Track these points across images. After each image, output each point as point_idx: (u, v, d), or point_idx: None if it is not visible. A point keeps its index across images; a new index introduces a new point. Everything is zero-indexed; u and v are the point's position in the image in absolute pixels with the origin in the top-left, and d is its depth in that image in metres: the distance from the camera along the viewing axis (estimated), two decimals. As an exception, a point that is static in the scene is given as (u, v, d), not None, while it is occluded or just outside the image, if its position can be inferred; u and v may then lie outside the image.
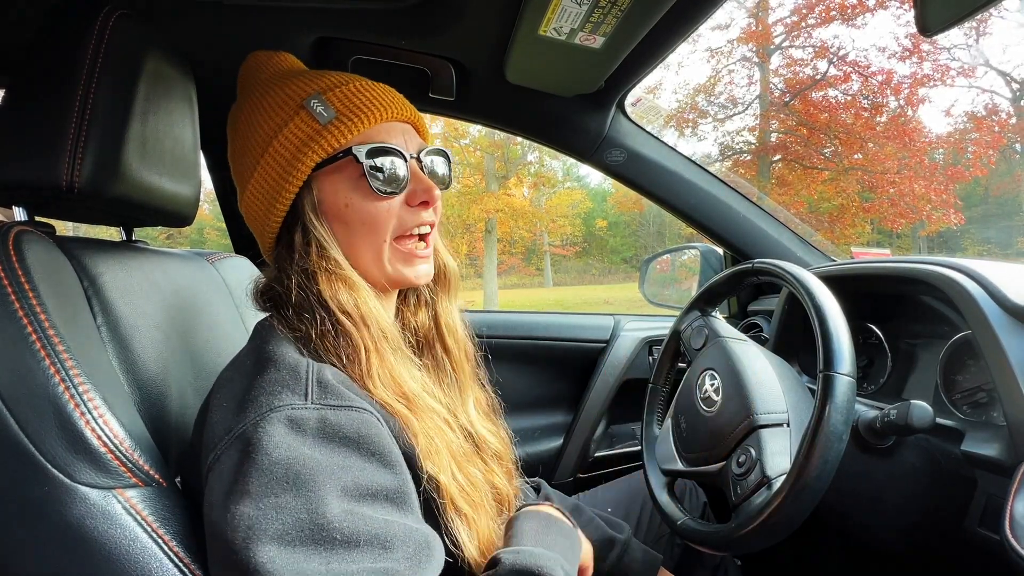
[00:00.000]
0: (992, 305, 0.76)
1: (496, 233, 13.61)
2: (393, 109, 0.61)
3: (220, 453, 0.48)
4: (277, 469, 0.45)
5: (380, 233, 0.61)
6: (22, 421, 0.49)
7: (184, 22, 0.93)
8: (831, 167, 11.14)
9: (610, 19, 0.82)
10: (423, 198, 0.62)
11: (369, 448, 0.49)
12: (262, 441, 0.46)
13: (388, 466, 0.50)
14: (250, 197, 0.62)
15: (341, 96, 0.59)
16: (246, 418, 0.48)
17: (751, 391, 0.79)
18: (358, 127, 0.58)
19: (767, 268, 0.86)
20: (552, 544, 0.61)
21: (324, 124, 0.58)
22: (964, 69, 10.83)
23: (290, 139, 0.58)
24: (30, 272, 0.53)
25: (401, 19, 0.94)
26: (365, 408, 0.51)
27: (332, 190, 0.60)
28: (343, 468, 0.47)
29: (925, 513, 0.80)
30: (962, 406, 0.84)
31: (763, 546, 0.70)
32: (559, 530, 0.64)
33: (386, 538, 0.46)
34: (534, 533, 0.62)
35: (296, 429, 0.47)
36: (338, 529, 0.44)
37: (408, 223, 0.62)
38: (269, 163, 0.59)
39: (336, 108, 0.58)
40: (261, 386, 0.50)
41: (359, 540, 0.44)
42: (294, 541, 0.43)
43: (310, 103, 0.58)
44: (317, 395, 0.50)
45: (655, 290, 1.71)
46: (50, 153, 0.58)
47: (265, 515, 0.44)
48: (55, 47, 0.61)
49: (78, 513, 0.49)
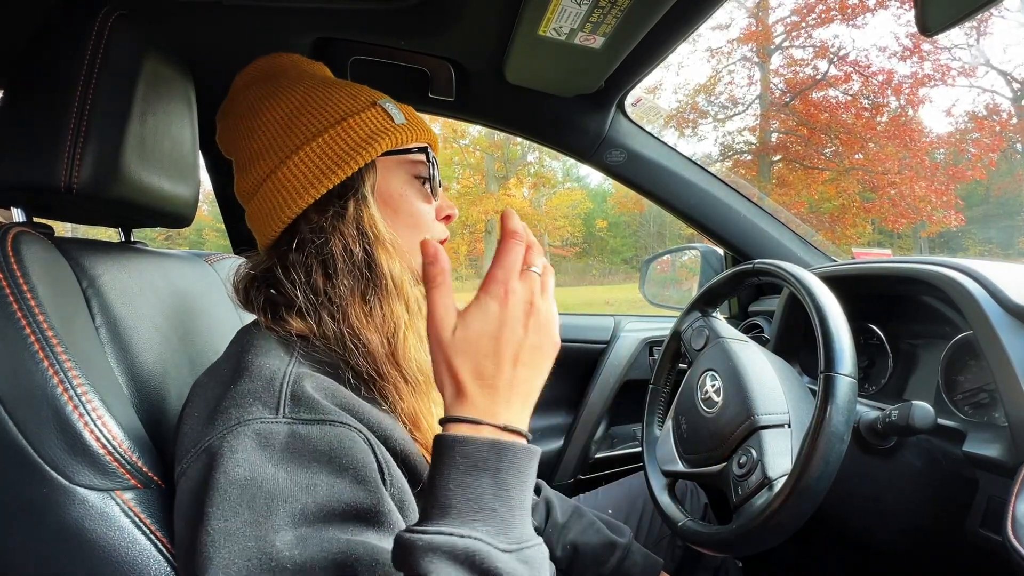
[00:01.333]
0: (993, 305, 0.76)
1: (496, 234, 13.61)
2: (431, 133, 0.68)
3: (187, 467, 0.47)
4: (233, 491, 0.43)
5: (421, 231, 0.65)
6: (20, 423, 0.49)
7: (183, 23, 0.93)
8: (832, 167, 11.14)
9: (610, 19, 0.81)
10: (447, 212, 0.68)
11: (341, 463, 0.46)
12: (224, 457, 0.44)
13: (360, 482, 0.47)
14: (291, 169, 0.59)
15: (404, 109, 0.66)
16: (214, 431, 0.47)
17: (752, 392, 0.79)
18: (420, 136, 0.65)
19: (768, 268, 0.86)
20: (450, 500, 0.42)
21: (397, 124, 0.63)
22: (965, 69, 10.83)
23: (362, 125, 0.61)
24: (28, 273, 0.53)
25: (400, 19, 0.94)
26: (341, 421, 0.49)
27: (391, 177, 0.64)
28: (308, 488, 0.45)
29: (926, 514, 0.80)
30: (963, 407, 0.84)
31: (764, 547, 0.70)
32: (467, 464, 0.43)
33: (345, 562, 0.42)
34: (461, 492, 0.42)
35: (263, 445, 0.45)
36: (288, 558, 0.41)
37: (438, 234, 0.67)
38: (333, 140, 0.60)
39: (405, 115, 0.65)
40: (232, 397, 0.48)
41: (314, 568, 0.42)
42: (240, 571, 0.41)
43: (385, 104, 0.64)
44: (289, 408, 0.48)
45: (655, 291, 1.71)
46: (48, 154, 0.58)
47: (214, 541, 0.42)
48: (54, 48, 0.61)
49: (76, 515, 0.49)
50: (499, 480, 0.42)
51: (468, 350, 0.46)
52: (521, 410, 0.47)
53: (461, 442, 0.43)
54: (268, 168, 0.60)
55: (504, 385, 0.46)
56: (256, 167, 0.61)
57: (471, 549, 0.39)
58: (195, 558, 0.42)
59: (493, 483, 0.42)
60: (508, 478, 0.42)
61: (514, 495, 0.43)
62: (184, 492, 0.47)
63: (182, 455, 0.49)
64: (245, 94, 0.64)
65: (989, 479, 0.73)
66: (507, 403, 0.46)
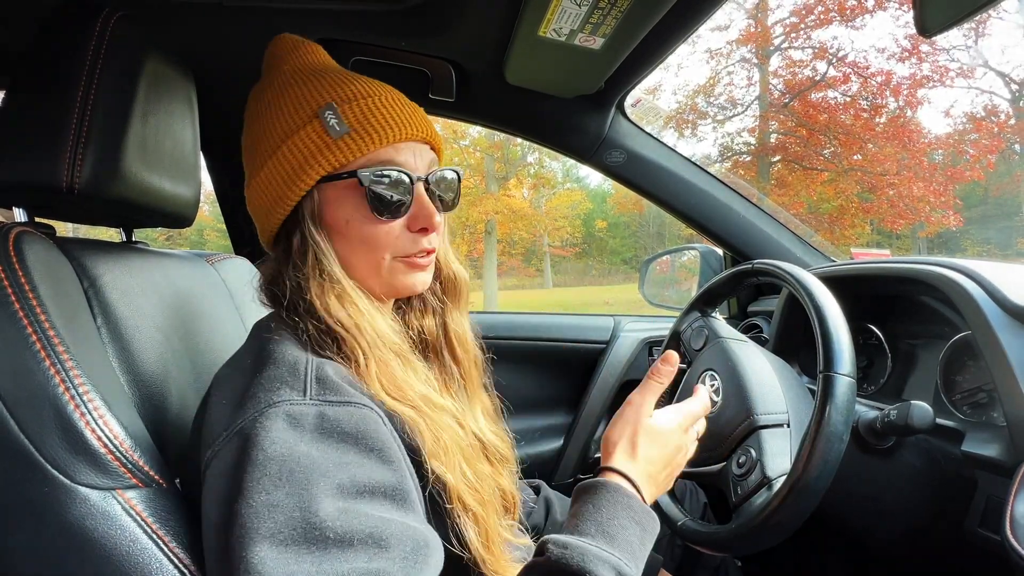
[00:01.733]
0: (992, 305, 0.76)
1: (496, 234, 13.62)
2: (410, 129, 0.60)
3: (218, 449, 0.48)
4: (272, 466, 0.45)
5: (379, 252, 0.60)
6: (22, 422, 0.49)
7: (184, 23, 0.93)
8: (830, 168, 11.14)
9: (610, 20, 0.82)
10: (423, 224, 0.61)
11: (368, 444, 0.49)
12: (259, 437, 0.46)
13: (387, 462, 0.49)
14: (255, 191, 0.61)
15: (358, 111, 0.58)
16: (245, 414, 0.48)
17: (751, 392, 0.79)
18: (369, 146, 0.57)
19: (767, 269, 0.86)
20: (617, 532, 0.53)
21: (335, 139, 0.57)
22: (963, 70, 10.84)
23: (299, 147, 0.57)
24: (30, 273, 0.53)
25: (401, 20, 0.94)
26: (365, 404, 0.51)
27: (335, 204, 0.59)
28: (340, 465, 0.46)
29: (925, 514, 0.80)
30: (962, 406, 0.84)
31: (763, 547, 0.70)
32: (631, 514, 0.56)
33: (381, 537, 0.45)
34: (597, 517, 0.54)
35: (294, 425, 0.47)
36: (331, 528, 0.43)
37: (408, 248, 0.61)
38: (276, 166, 0.59)
39: (350, 123, 0.57)
40: (260, 383, 0.50)
41: (353, 539, 0.44)
42: (286, 540, 0.43)
43: (324, 114, 0.57)
44: (316, 391, 0.49)
45: (655, 291, 1.71)
46: (50, 154, 0.58)
47: (258, 514, 0.43)
48: (55, 48, 0.61)
49: (78, 514, 0.49)
50: (643, 537, 0.56)
51: (654, 441, 0.62)
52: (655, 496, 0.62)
53: (633, 496, 0.57)
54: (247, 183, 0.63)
55: (655, 478, 0.61)
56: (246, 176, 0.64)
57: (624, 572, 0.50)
58: (235, 532, 0.43)
59: (640, 535, 0.55)
60: (647, 537, 0.56)
61: (644, 553, 0.56)
62: (216, 475, 0.47)
63: (211, 440, 0.49)
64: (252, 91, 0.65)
65: (988, 479, 0.73)
66: (655, 490, 0.61)
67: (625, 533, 0.54)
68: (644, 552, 0.55)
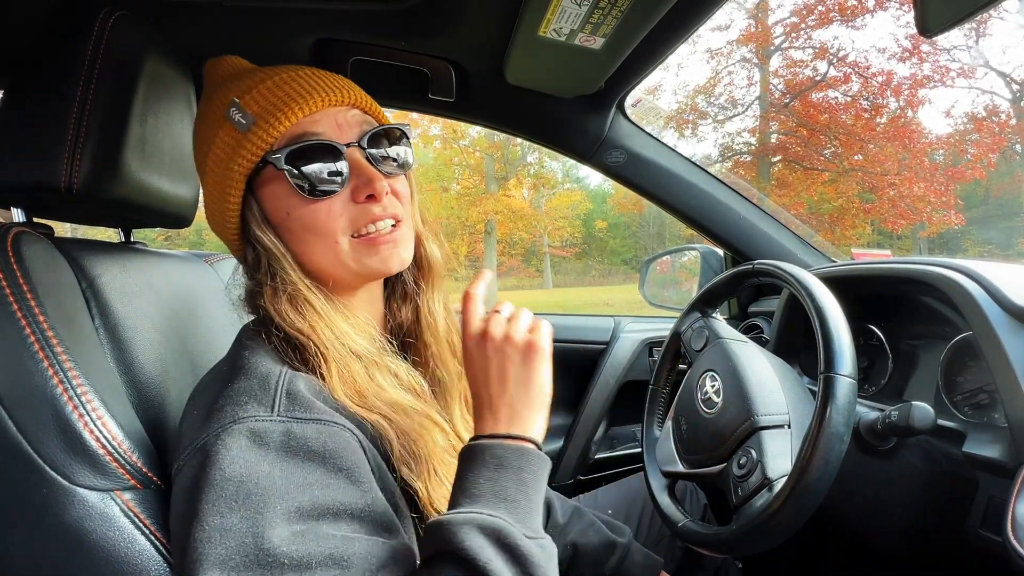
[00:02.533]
0: (993, 306, 0.76)
1: (495, 234, 13.63)
2: (320, 96, 0.56)
3: (183, 464, 0.47)
4: (228, 487, 0.43)
5: (329, 235, 0.57)
6: (20, 423, 0.49)
7: (183, 23, 0.93)
8: (831, 168, 11.15)
9: (610, 20, 0.81)
10: (366, 192, 0.57)
11: (335, 463, 0.47)
12: (219, 455, 0.44)
13: (355, 483, 0.47)
14: (207, 210, 0.61)
15: (257, 98, 0.55)
16: (209, 429, 0.47)
17: (752, 392, 0.79)
18: (277, 128, 0.54)
19: (768, 269, 0.86)
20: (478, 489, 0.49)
21: (244, 132, 0.54)
22: (964, 70, 10.85)
23: (219, 154, 0.56)
24: (29, 273, 0.53)
25: (401, 20, 0.94)
26: (335, 421, 0.49)
27: (271, 200, 0.57)
28: (302, 486, 0.45)
29: (926, 515, 0.80)
30: (963, 407, 0.84)
31: (764, 548, 0.70)
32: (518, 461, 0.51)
33: (343, 557, 0.43)
34: (460, 484, 0.51)
35: (258, 443, 0.45)
36: (286, 554, 0.42)
37: (359, 221, 0.57)
38: (209, 183, 0.58)
39: (253, 112, 0.54)
40: (229, 395, 0.49)
41: (311, 562, 0.42)
42: (238, 566, 0.41)
43: (230, 112, 0.55)
44: (284, 407, 0.48)
45: (655, 291, 1.71)
46: (49, 154, 0.58)
47: (210, 538, 0.42)
48: (54, 48, 0.61)
49: (76, 515, 0.49)
50: (521, 477, 0.50)
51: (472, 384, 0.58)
52: (530, 423, 0.55)
53: (490, 447, 0.52)
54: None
55: (506, 405, 0.55)
56: None
57: (498, 525, 0.45)
58: (189, 555, 0.42)
59: (516, 480, 0.50)
60: (528, 476, 0.50)
61: (532, 492, 0.50)
62: (178, 490, 0.47)
63: (179, 452, 0.49)
64: None
65: (989, 480, 0.73)
66: (515, 419, 0.54)
67: (489, 485, 0.49)
68: (527, 491, 0.50)
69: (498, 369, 0.56)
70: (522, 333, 0.58)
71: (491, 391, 0.56)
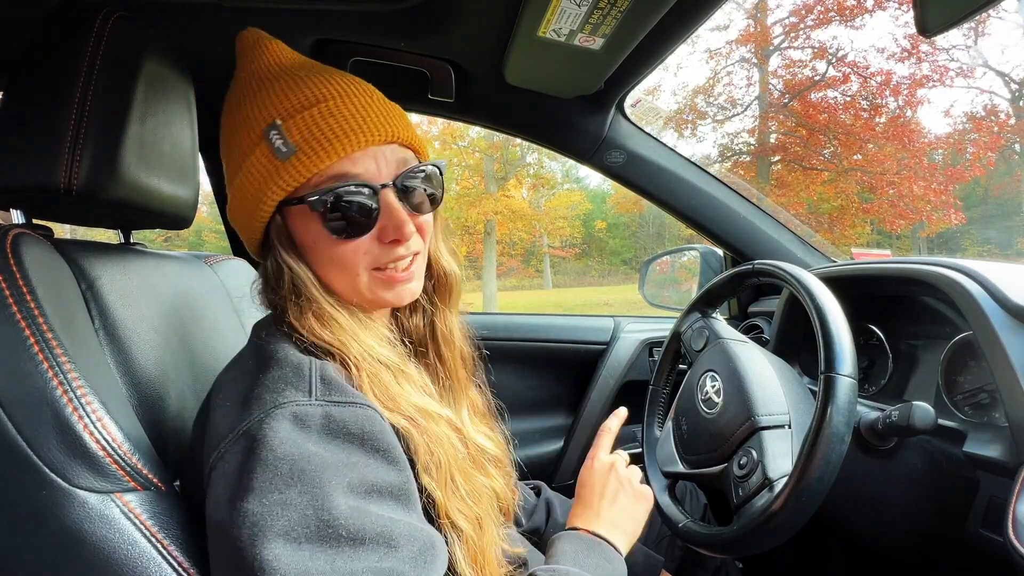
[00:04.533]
0: (993, 305, 0.76)
1: (495, 235, 13.62)
2: (366, 135, 0.55)
3: (224, 451, 0.48)
4: (282, 465, 0.44)
5: (351, 270, 0.58)
6: (20, 425, 0.49)
7: (182, 24, 0.93)
8: (830, 168, 11.15)
9: (609, 20, 0.81)
10: (392, 236, 0.57)
11: (373, 444, 0.49)
12: (267, 437, 0.45)
13: (392, 463, 0.49)
14: (231, 204, 0.61)
15: (302, 125, 0.54)
16: (251, 415, 0.47)
17: (752, 392, 0.78)
18: (317, 164, 0.53)
19: (768, 269, 0.86)
20: (593, 567, 0.63)
21: (283, 161, 0.53)
22: (963, 70, 10.85)
23: (253, 173, 0.55)
24: (28, 275, 0.53)
25: (400, 21, 0.94)
26: (369, 404, 0.51)
27: (299, 225, 0.57)
28: (348, 465, 0.46)
29: (927, 515, 0.80)
30: (964, 407, 0.84)
31: (765, 548, 0.70)
32: (601, 554, 0.66)
33: (391, 536, 0.45)
34: (573, 554, 0.64)
35: (301, 425, 0.47)
36: (344, 526, 0.43)
37: (381, 259, 0.58)
38: (240, 189, 0.57)
39: (295, 141, 0.53)
40: (265, 384, 0.50)
41: (364, 538, 0.44)
42: (300, 538, 0.43)
43: (270, 135, 0.54)
44: (321, 391, 0.49)
45: (655, 292, 1.71)
46: (48, 155, 0.58)
47: (271, 512, 0.43)
48: (53, 49, 0.61)
49: (76, 518, 0.49)
50: (603, 555, 0.66)
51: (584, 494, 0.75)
52: (620, 541, 0.70)
53: (588, 536, 0.68)
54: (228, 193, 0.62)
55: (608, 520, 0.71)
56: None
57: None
58: (245, 531, 0.43)
59: (599, 557, 0.66)
60: (605, 564, 0.65)
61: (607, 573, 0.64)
62: (222, 476, 0.47)
63: (216, 443, 0.49)
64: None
65: (990, 479, 0.73)
66: (612, 531, 0.70)
67: (600, 567, 0.64)
68: (603, 571, 0.64)
69: (613, 493, 0.74)
70: (637, 483, 0.77)
71: (602, 505, 0.72)
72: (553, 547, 0.66)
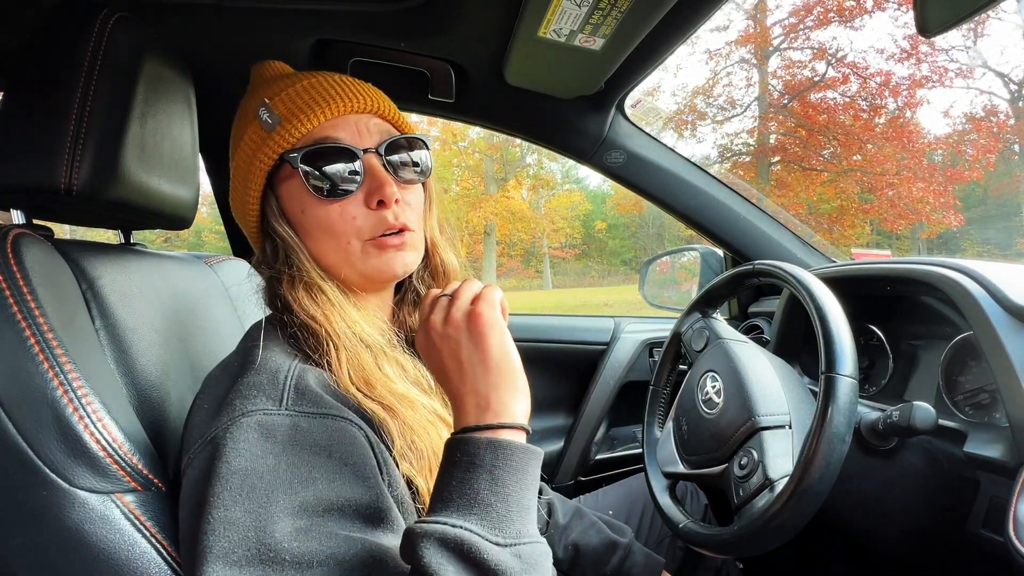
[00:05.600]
0: (994, 305, 0.76)
1: (495, 236, 13.63)
2: (343, 102, 0.58)
3: (193, 457, 0.48)
4: (234, 480, 0.43)
5: (340, 237, 0.59)
6: (20, 426, 0.49)
7: (183, 24, 0.92)
8: (830, 168, 11.16)
9: (610, 21, 0.82)
10: (377, 196, 0.58)
11: (341, 458, 0.47)
12: (227, 447, 0.45)
13: (360, 478, 0.47)
14: (233, 200, 0.65)
15: (285, 99, 0.59)
16: (220, 421, 0.47)
17: (753, 393, 0.78)
18: (299, 129, 0.57)
19: (768, 269, 0.86)
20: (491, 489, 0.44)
21: (269, 132, 0.58)
22: (962, 70, 10.86)
23: (245, 150, 0.60)
24: (28, 275, 0.53)
25: (400, 21, 0.94)
26: (342, 416, 0.49)
27: (289, 196, 0.60)
28: (307, 480, 0.45)
29: (928, 515, 0.80)
30: (964, 407, 0.84)
31: (766, 549, 0.70)
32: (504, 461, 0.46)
33: (344, 558, 0.43)
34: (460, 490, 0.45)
35: (266, 435, 0.46)
36: (287, 550, 0.42)
37: (374, 228, 0.59)
38: (236, 175, 0.62)
39: (280, 113, 0.58)
40: (238, 389, 0.49)
41: (312, 560, 0.42)
42: (240, 560, 0.41)
43: (259, 112, 0.59)
44: (292, 401, 0.48)
45: (655, 292, 1.71)
46: (48, 155, 0.58)
47: (214, 530, 0.42)
48: (54, 49, 0.61)
49: (76, 518, 0.49)
50: (495, 476, 0.45)
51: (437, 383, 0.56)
52: (502, 406, 0.48)
53: (461, 442, 0.46)
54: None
55: (470, 393, 0.49)
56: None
57: (460, 538, 0.41)
58: (195, 547, 0.42)
59: (489, 479, 0.44)
60: (504, 475, 0.45)
61: (511, 492, 0.45)
62: (188, 484, 0.47)
63: (189, 446, 0.49)
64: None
65: (990, 480, 0.73)
66: (483, 406, 0.48)
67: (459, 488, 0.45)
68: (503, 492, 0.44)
69: (449, 355, 0.52)
70: (463, 309, 0.53)
71: (452, 382, 0.51)
72: (438, 480, 0.47)
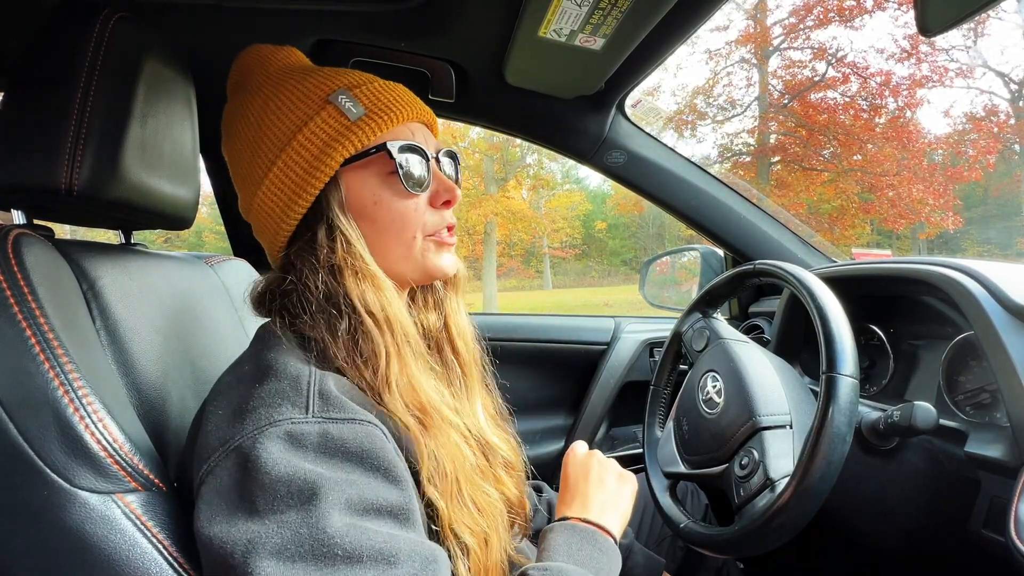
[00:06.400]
0: (994, 305, 0.76)
1: (495, 236, 13.63)
2: (415, 109, 0.62)
3: (214, 465, 0.47)
4: (279, 486, 0.44)
5: (409, 230, 0.60)
6: (21, 426, 0.49)
7: (183, 24, 0.93)
8: (830, 168, 11.16)
9: (610, 20, 0.82)
10: (445, 198, 0.62)
11: (373, 463, 0.48)
12: (261, 458, 0.44)
13: (393, 481, 0.48)
14: (264, 196, 0.59)
15: (368, 93, 0.59)
16: (243, 430, 0.46)
17: (753, 393, 0.78)
18: (387, 124, 0.58)
19: (768, 269, 0.86)
20: (586, 560, 0.61)
21: (354, 120, 0.57)
22: (962, 70, 10.86)
23: (317, 134, 0.57)
24: (29, 275, 0.53)
25: (401, 21, 0.94)
26: (369, 420, 0.49)
27: (360, 186, 0.59)
28: (346, 482, 0.45)
29: (929, 515, 0.80)
30: (965, 407, 0.84)
31: (766, 549, 0.70)
32: (595, 543, 0.64)
33: (390, 553, 0.44)
34: (566, 546, 0.62)
35: (296, 444, 0.46)
36: (339, 544, 0.43)
37: (436, 224, 0.62)
38: (292, 158, 0.57)
39: (365, 105, 0.58)
40: (260, 396, 0.48)
41: (362, 555, 0.43)
42: (294, 556, 0.42)
43: (338, 99, 0.58)
44: (319, 407, 0.48)
45: (656, 292, 1.71)
46: (49, 156, 0.58)
47: (266, 530, 0.43)
48: (54, 50, 0.61)
49: (77, 518, 0.49)
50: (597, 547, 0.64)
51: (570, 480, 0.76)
52: (613, 524, 0.68)
53: (579, 525, 0.66)
54: (249, 196, 0.61)
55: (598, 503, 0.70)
56: (242, 193, 0.63)
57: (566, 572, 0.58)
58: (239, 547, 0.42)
59: (592, 549, 0.63)
60: (599, 555, 0.63)
61: (602, 565, 0.62)
62: (214, 491, 0.46)
63: (207, 453, 0.48)
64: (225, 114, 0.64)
65: (991, 480, 0.73)
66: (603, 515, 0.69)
67: (593, 558, 0.62)
68: (599, 563, 0.62)
69: (598, 476, 0.74)
70: (619, 466, 0.79)
71: (588, 489, 0.71)
72: (545, 540, 0.63)
